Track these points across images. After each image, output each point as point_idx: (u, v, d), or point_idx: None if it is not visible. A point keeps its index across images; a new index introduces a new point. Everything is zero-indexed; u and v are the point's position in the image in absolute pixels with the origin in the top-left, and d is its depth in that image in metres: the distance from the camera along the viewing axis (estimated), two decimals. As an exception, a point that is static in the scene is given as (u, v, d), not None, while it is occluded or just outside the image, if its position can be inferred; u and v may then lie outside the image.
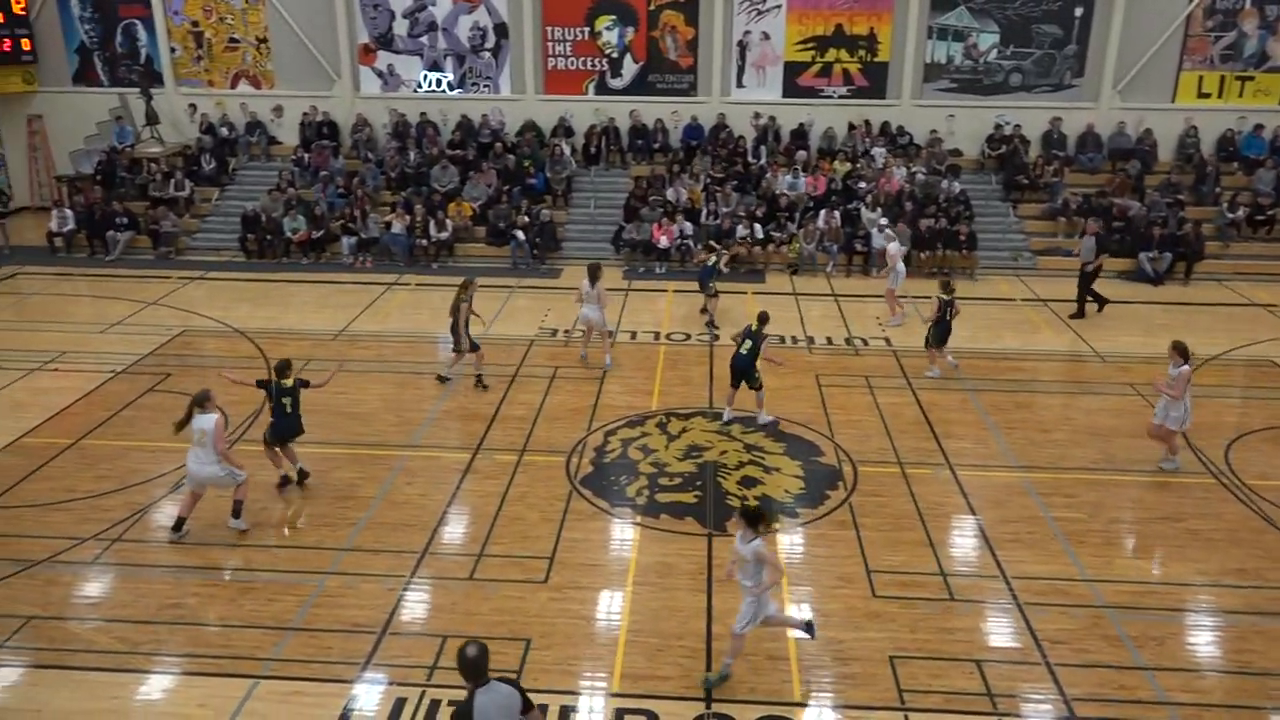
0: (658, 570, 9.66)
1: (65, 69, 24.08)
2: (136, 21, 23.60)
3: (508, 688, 5.79)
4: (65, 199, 21.93)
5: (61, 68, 24.05)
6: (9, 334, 16.14)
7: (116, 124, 23.55)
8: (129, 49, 23.84)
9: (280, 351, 15.20)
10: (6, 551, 9.88)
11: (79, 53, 23.99)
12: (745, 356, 12.59)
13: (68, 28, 23.78)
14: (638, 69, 23.19)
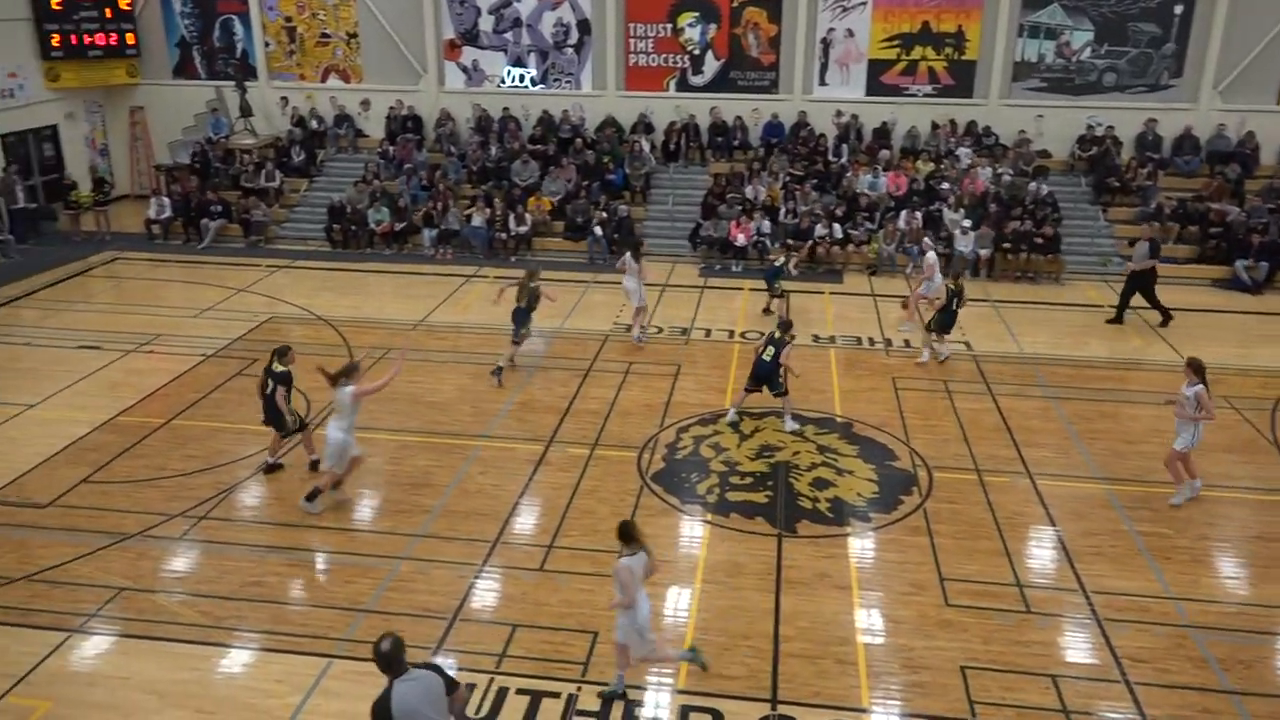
0: (726, 569, 9.64)
1: (166, 63, 24.98)
2: (234, 17, 24.35)
3: (427, 673, 5.85)
4: (163, 188, 22.75)
5: (162, 61, 24.96)
6: (108, 316, 16.81)
7: (212, 116, 24.34)
8: (226, 43, 24.62)
9: (362, 340, 15.61)
10: (101, 524, 10.31)
11: (179, 47, 24.86)
12: (768, 363, 12.52)
13: (169, 23, 24.66)
14: (719, 66, 23.11)
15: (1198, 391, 10.48)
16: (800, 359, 15.03)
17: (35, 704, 7.76)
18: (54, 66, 23.19)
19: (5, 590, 9.18)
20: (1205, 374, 10.61)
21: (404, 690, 5.70)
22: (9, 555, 9.76)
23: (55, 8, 22.76)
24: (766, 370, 12.54)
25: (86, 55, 23.57)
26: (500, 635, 8.60)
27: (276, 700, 7.82)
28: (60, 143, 23.84)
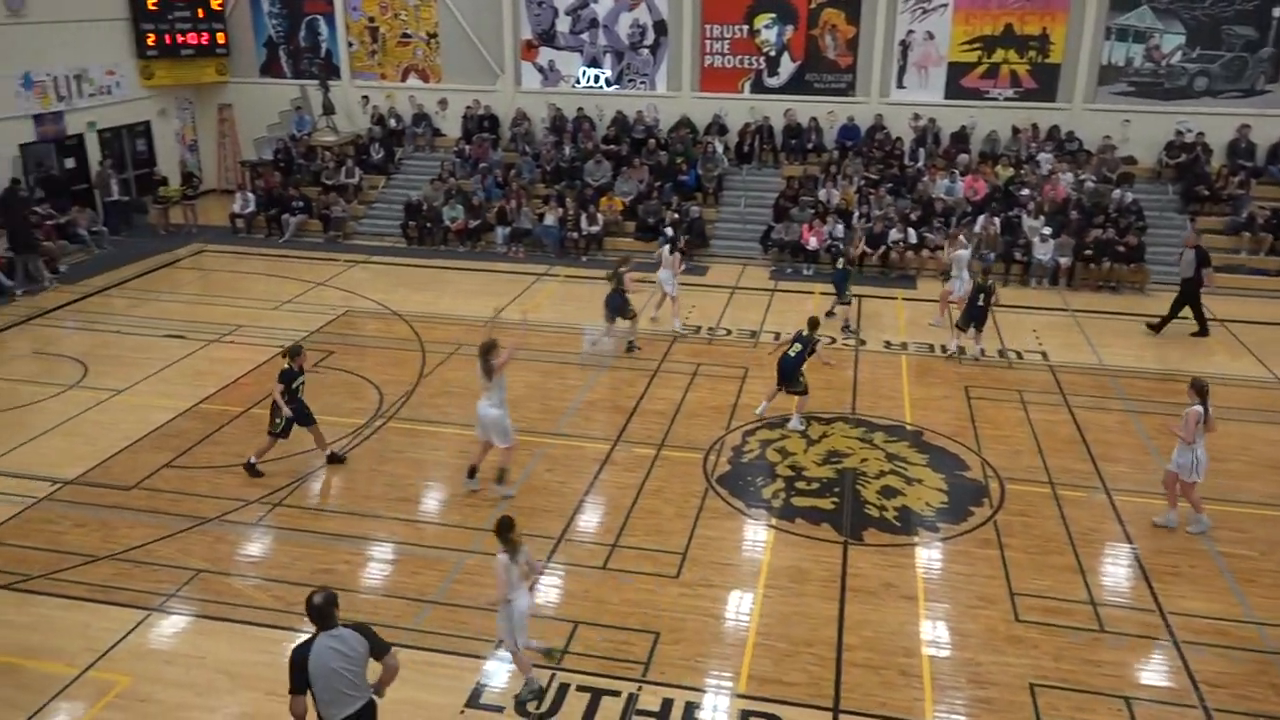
0: (790, 575, 9.57)
1: (254, 61, 25.70)
2: (319, 17, 24.96)
3: (354, 634, 6.03)
4: (247, 183, 23.42)
5: (250, 60, 25.69)
6: (193, 307, 17.37)
7: (296, 114, 24.98)
8: (311, 43, 25.24)
9: (433, 335, 15.86)
10: (182, 508, 10.66)
11: (266, 46, 25.56)
12: (792, 359, 12.62)
13: (257, 23, 25.38)
14: (795, 68, 22.94)
15: (1190, 412, 10.03)
16: (870, 365, 14.90)
17: (116, 678, 8.05)
18: (149, 65, 24.04)
19: (90, 568, 9.55)
20: (1207, 395, 10.11)
21: (322, 644, 5.92)
22: (95, 534, 10.15)
23: (151, 8, 23.59)
24: (791, 366, 12.62)
25: (179, 54, 24.38)
26: (562, 632, 8.66)
27: (343, 686, 7.98)
28: (153, 138, 24.71)
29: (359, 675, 6.06)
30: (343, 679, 5.95)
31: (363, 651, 6.02)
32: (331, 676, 5.91)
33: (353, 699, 6.05)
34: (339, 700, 5.98)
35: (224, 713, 7.73)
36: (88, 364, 14.70)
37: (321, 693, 5.93)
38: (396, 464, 11.73)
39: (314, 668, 5.87)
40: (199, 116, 26.09)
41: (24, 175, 20.73)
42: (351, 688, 6.04)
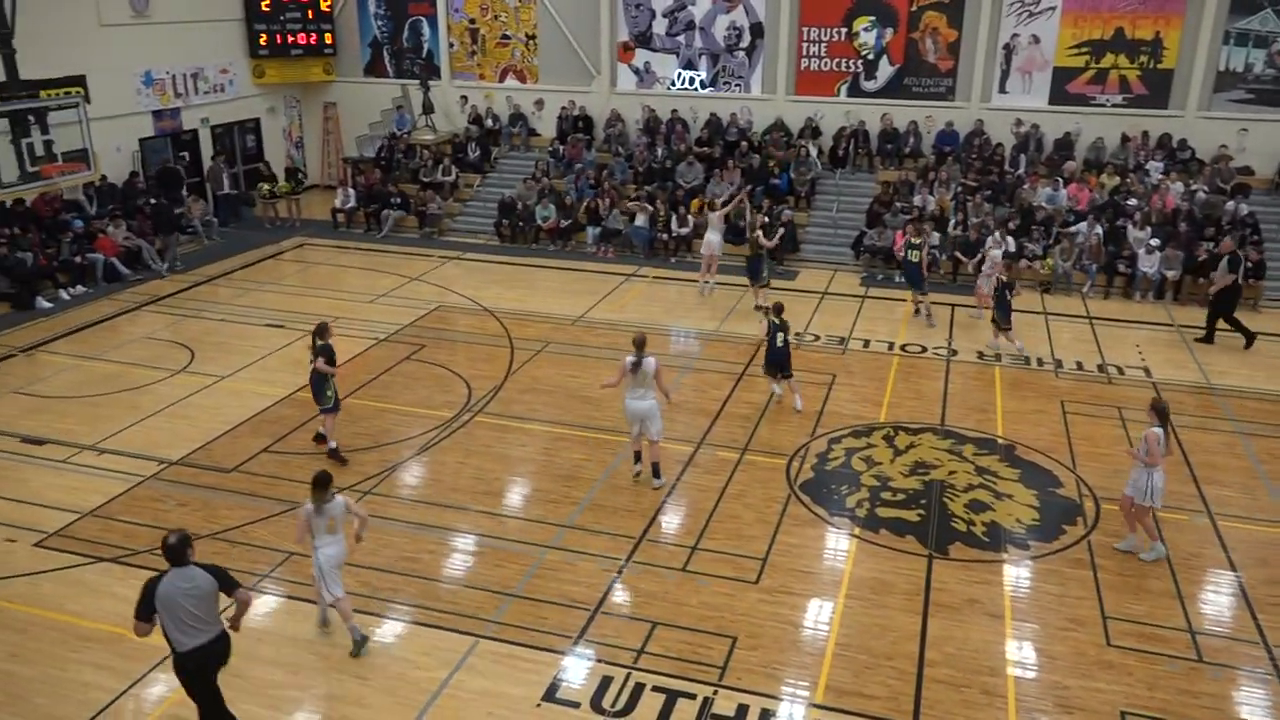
0: (872, 586, 9.42)
1: (358, 61, 26.45)
2: (422, 19, 25.54)
3: (202, 572, 6.69)
4: (349, 179, 24.10)
5: (355, 60, 26.45)
6: (294, 298, 17.96)
7: (397, 113, 25.62)
8: (413, 44, 25.85)
9: (522, 332, 16.08)
10: (278, 492, 11.04)
11: (371, 46, 26.27)
12: (783, 348, 13.03)
13: (363, 24, 26.11)
14: (893, 71, 22.57)
15: (1150, 434, 9.56)
16: (961, 376, 14.58)
17: (211, 653, 8.37)
18: (260, 64, 24.97)
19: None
20: (1168, 417, 9.66)
21: (172, 579, 6.62)
22: (197, 514, 10.58)
23: (264, 9, 24.49)
24: (780, 356, 13.06)
25: (289, 53, 25.25)
26: (640, 631, 8.69)
27: (423, 673, 8.16)
28: (261, 135, 25.65)
29: (206, 609, 6.72)
30: (187, 611, 6.63)
31: (209, 588, 6.69)
32: (176, 608, 6.60)
33: (200, 630, 6.73)
34: (185, 630, 6.68)
35: (312, 692, 7.98)
36: (194, 350, 15.34)
37: (169, 622, 6.64)
38: (483, 458, 11.93)
39: (160, 599, 6.58)
40: (305, 114, 26.98)
41: (142, 168, 21.76)
42: (197, 620, 6.70)
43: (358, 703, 7.84)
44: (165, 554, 6.63)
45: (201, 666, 6.83)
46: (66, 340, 15.85)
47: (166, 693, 7.92)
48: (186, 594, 6.60)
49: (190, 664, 6.78)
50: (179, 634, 6.67)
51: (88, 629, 8.67)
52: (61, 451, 12.01)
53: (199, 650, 6.74)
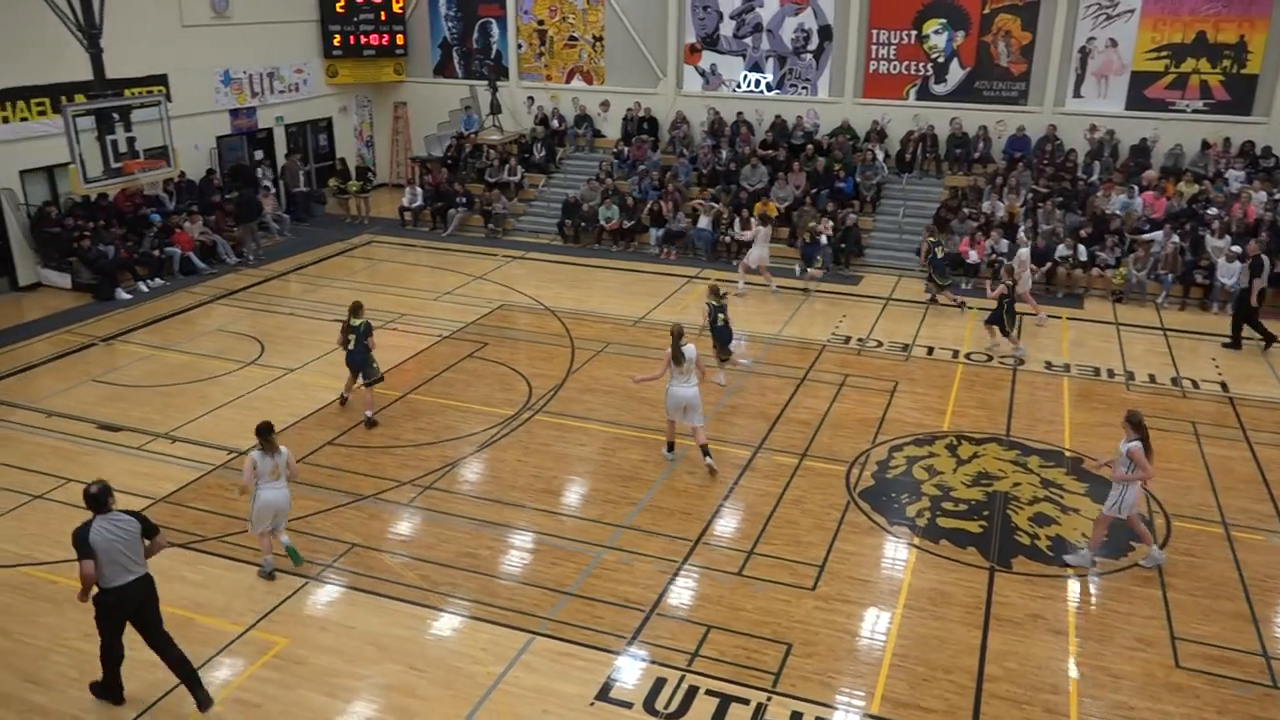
0: (931, 597, 9.28)
1: (428, 62, 26.85)
2: (492, 20, 25.85)
3: (128, 517, 7.43)
4: (416, 178, 24.48)
5: (425, 61, 26.85)
6: (361, 294, 18.12)
7: (465, 113, 25.95)
8: (482, 45, 26.16)
9: (582, 332, 16.17)
10: (341, 484, 11.25)
11: (441, 47, 26.65)
12: (724, 326, 13.85)
13: (434, 25, 26.50)
14: (964, 75, 22.21)
15: (1131, 448, 9.25)
16: (1028, 386, 14.30)
17: (275, 639, 8.58)
18: (333, 64, 25.50)
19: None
20: (1145, 429, 9.35)
21: (101, 526, 7.27)
22: (263, 503, 10.83)
23: (339, 10, 25.00)
24: (726, 336, 13.89)
25: (361, 54, 25.74)
26: (694, 634, 8.68)
27: (480, 668, 8.25)
28: (333, 133, 26.19)
29: (134, 550, 7.42)
30: (120, 552, 7.31)
31: (135, 531, 7.41)
32: (110, 549, 7.24)
33: (129, 571, 7.38)
34: (117, 571, 7.31)
35: (369, 682, 8.12)
36: (265, 343, 15.71)
37: (103, 563, 7.22)
38: (542, 456, 12.03)
39: (95, 541, 7.20)
40: (376, 114, 27.47)
41: (219, 166, 22.37)
42: (128, 560, 7.37)
43: (413, 693, 7.95)
44: (90, 503, 7.35)
45: (121, 602, 7.43)
46: (143, 331, 16.36)
47: (231, 677, 8.13)
48: (120, 537, 7.32)
49: (112, 599, 7.39)
50: (110, 573, 7.31)
51: (158, 612, 8.92)
52: (136, 439, 12.40)
53: (124, 588, 7.38)
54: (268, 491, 9.21)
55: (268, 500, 9.23)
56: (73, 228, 18.21)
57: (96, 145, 14.47)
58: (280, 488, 9.29)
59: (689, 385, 11.38)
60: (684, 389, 11.37)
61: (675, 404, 11.48)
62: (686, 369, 11.32)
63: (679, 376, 11.36)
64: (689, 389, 11.38)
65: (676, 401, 11.44)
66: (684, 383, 11.37)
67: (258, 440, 9.22)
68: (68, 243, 18.16)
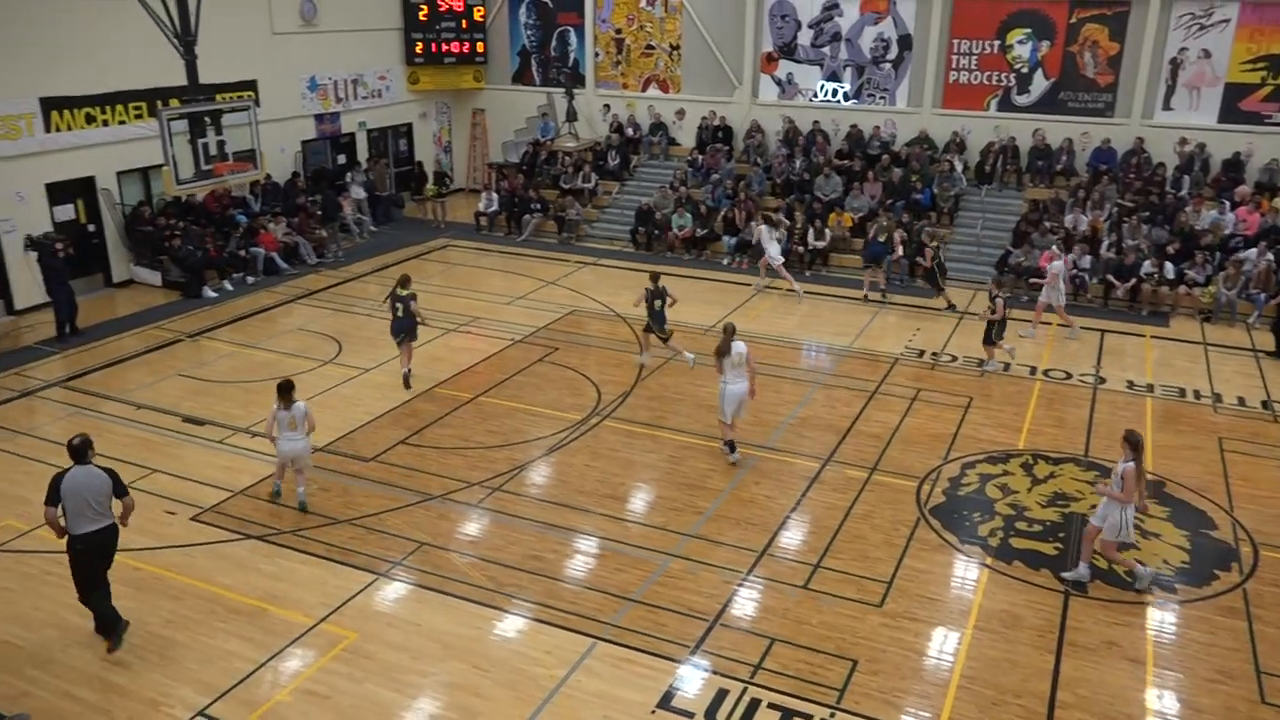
0: (1002, 619, 9.07)
1: (507, 69, 27.23)
2: (570, 28, 26.10)
3: (101, 472, 8.17)
4: (493, 183, 24.84)
5: (504, 68, 27.24)
6: (436, 297, 18.58)
7: (541, 120, 26.25)
8: (560, 53, 26.44)
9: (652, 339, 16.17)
10: (412, 483, 11.45)
11: (520, 55, 27.00)
12: (660, 311, 14.59)
13: (514, 33, 26.86)
14: (1048, 85, 21.72)
15: (1125, 469, 9.03)
16: (1109, 405, 13.91)
17: (344, 634, 8.76)
18: (415, 71, 26.02)
19: (331, 530, 10.43)
20: (1141, 449, 9.11)
21: (76, 473, 8.07)
22: (336, 500, 11.08)
23: (421, 19, 25.51)
24: (660, 320, 14.68)
25: (442, 61, 26.21)
26: (758, 646, 8.62)
27: (543, 670, 8.31)
28: (413, 139, 26.71)
29: (101, 503, 8.15)
30: (85, 502, 8.06)
31: (105, 486, 8.15)
32: (76, 498, 8.02)
33: (94, 520, 8.16)
34: (81, 518, 8.10)
35: (434, 679, 8.23)
36: (342, 342, 16.07)
37: (70, 509, 8.04)
38: (609, 462, 12.07)
39: (65, 489, 8.01)
40: (455, 120, 27.94)
41: (303, 169, 22.98)
42: (93, 510, 8.12)
43: (476, 693, 8.04)
44: (70, 453, 8.13)
45: (89, 548, 8.19)
46: (228, 328, 16.87)
47: (302, 668, 8.32)
48: (88, 487, 8.08)
49: (81, 545, 8.18)
50: (77, 520, 8.10)
51: (235, 601, 9.19)
52: (218, 432, 12.79)
53: (92, 534, 8.17)
54: (284, 442, 10.48)
55: (283, 449, 10.52)
56: (164, 227, 18.89)
57: (189, 148, 14.97)
58: (296, 439, 10.48)
59: (740, 382, 11.67)
60: (735, 385, 11.66)
61: (729, 401, 11.74)
62: (735, 364, 11.59)
63: (730, 372, 11.65)
64: (740, 385, 11.68)
65: (729, 398, 11.73)
66: (735, 379, 11.66)
67: (278, 396, 10.34)
68: (159, 241, 18.84)
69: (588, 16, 25.58)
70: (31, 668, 8.29)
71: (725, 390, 11.72)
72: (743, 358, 11.60)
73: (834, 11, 23.13)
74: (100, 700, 7.91)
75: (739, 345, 11.60)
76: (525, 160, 25.42)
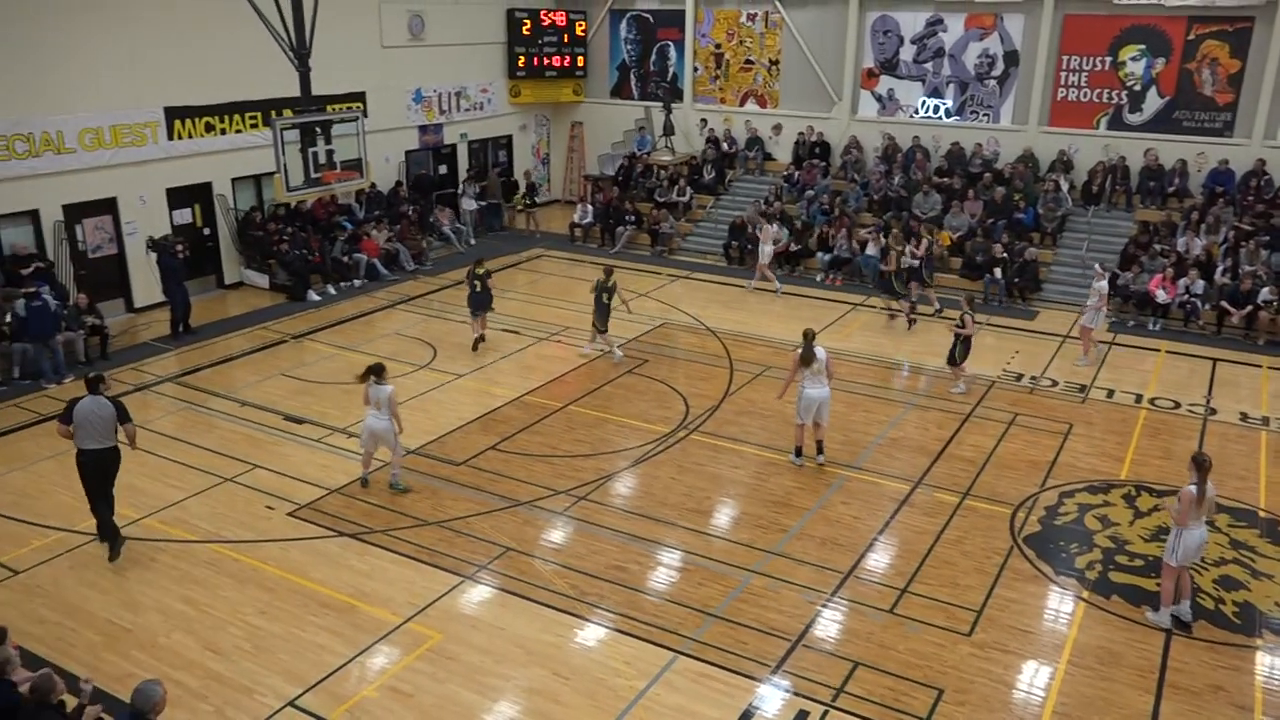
0: (1099, 655, 8.73)
1: (606, 83, 27.54)
2: (669, 43, 26.27)
3: (108, 402, 9.71)
4: (588, 195, 25.11)
5: (603, 82, 27.56)
6: (528, 305, 18.87)
7: (638, 133, 26.45)
8: (659, 67, 26.61)
9: (742, 354, 16.12)
10: (499, 488, 11.62)
11: (619, 69, 27.29)
12: (607, 305, 15.54)
13: (614, 48, 27.16)
14: (1162, 104, 20.93)
15: (1184, 491, 8.71)
16: (1220, 438, 13.30)
17: (430, 634, 8.92)
18: (516, 84, 26.52)
19: (420, 531, 10.65)
20: (1206, 472, 8.65)
21: (85, 402, 9.62)
22: (426, 502, 11.31)
23: (525, 33, 26.00)
24: (605, 313, 15.60)
25: (543, 75, 26.66)
26: (840, 670, 8.47)
27: (623, 681, 8.31)
28: (512, 150, 27.21)
29: (106, 429, 9.67)
30: (94, 425, 9.60)
31: (111, 415, 9.66)
32: (84, 422, 9.57)
33: (99, 441, 9.67)
34: (89, 438, 9.63)
35: (515, 683, 8.32)
36: (437, 348, 16.43)
37: (79, 430, 9.59)
38: (695, 476, 12.05)
39: (77, 414, 9.57)
40: (553, 132, 28.36)
41: (405, 178, 23.61)
42: (99, 434, 9.65)
43: (555, 699, 8.09)
44: (86, 384, 9.73)
45: (93, 463, 9.69)
46: (329, 331, 17.42)
47: (387, 665, 8.51)
48: (96, 414, 9.60)
49: (86, 459, 9.69)
50: (83, 440, 9.64)
51: (326, 596, 9.45)
52: (317, 431, 13.20)
53: (94, 452, 9.66)
54: (369, 419, 11.15)
55: (366, 425, 11.23)
56: (273, 232, 19.63)
57: (299, 156, 15.53)
58: (380, 419, 11.04)
59: (820, 386, 11.82)
60: (816, 390, 11.82)
61: (807, 405, 11.90)
62: (817, 370, 11.77)
63: (810, 378, 11.82)
64: (821, 390, 11.82)
65: (809, 403, 11.88)
66: (816, 384, 11.81)
67: (368, 375, 11.13)
68: (268, 246, 19.58)
69: (688, 32, 25.71)
70: (136, 650, 8.67)
71: (804, 394, 11.90)
72: (823, 364, 11.77)
73: (938, 27, 22.74)
74: (199, 686, 8.22)
75: (819, 351, 11.77)
76: (621, 173, 25.63)
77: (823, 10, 23.85)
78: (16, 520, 10.82)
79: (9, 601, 9.32)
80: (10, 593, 9.48)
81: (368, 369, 11.16)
